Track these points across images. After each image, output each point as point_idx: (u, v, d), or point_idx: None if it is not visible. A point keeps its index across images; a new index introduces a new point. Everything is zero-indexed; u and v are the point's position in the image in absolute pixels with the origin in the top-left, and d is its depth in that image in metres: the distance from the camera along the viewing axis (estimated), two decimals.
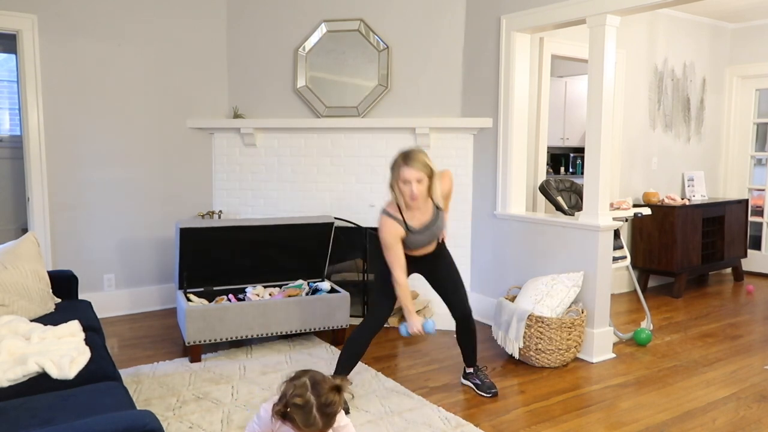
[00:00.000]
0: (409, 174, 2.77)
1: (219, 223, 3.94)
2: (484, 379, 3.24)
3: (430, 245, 3.05)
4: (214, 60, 4.97)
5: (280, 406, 1.91)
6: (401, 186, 2.82)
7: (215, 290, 4.08)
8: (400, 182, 2.81)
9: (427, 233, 2.97)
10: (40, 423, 1.78)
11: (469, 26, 4.57)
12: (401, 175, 2.79)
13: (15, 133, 5.28)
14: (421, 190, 2.81)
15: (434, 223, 2.98)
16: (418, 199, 2.82)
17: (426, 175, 2.80)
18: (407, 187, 2.80)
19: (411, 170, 2.77)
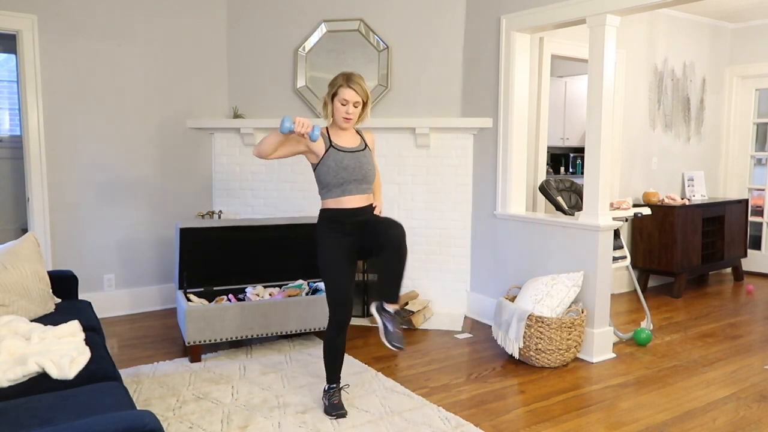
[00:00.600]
0: (349, 95, 2.75)
1: (219, 223, 3.94)
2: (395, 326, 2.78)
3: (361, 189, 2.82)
4: (214, 60, 4.97)
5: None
6: (337, 104, 2.78)
7: (215, 290, 4.08)
8: (337, 100, 2.78)
9: (354, 159, 2.81)
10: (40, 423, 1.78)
11: (469, 26, 4.57)
12: (340, 94, 2.76)
13: (15, 133, 5.28)
14: (355, 113, 2.80)
15: (362, 152, 2.85)
16: (351, 120, 2.80)
17: (363, 100, 2.80)
18: (344, 107, 2.77)
19: (351, 92, 2.75)
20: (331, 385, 2.98)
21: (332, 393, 2.97)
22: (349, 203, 2.82)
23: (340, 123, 2.82)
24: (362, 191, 2.85)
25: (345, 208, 2.82)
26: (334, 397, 2.96)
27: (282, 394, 3.16)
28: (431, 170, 4.68)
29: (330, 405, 2.94)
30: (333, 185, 2.80)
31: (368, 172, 2.85)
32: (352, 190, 2.81)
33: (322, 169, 2.81)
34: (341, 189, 2.80)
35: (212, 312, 3.62)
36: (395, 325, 2.80)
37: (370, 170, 2.86)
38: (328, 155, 2.79)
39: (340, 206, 2.82)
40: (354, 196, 2.82)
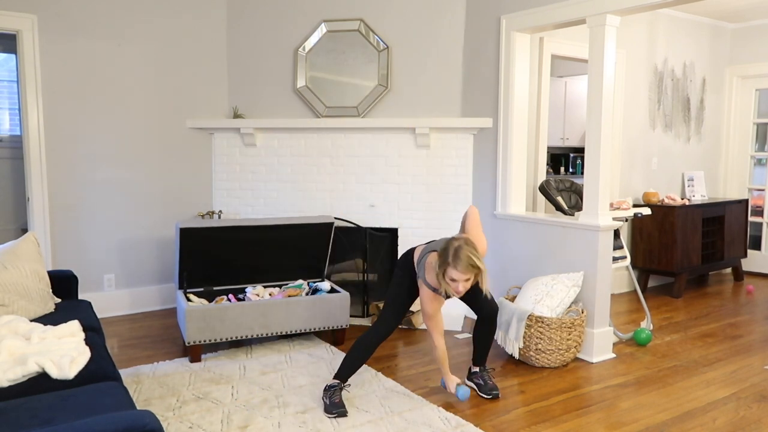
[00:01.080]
0: (458, 276, 2.74)
1: (219, 223, 3.94)
2: (488, 380, 3.23)
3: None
4: (214, 60, 4.97)
5: None
6: (448, 281, 2.79)
7: (215, 290, 4.08)
8: (447, 278, 2.77)
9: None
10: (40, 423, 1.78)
11: (469, 26, 4.57)
12: (449, 274, 2.75)
13: (15, 133, 5.28)
14: (467, 287, 2.81)
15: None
16: (461, 294, 2.84)
17: (474, 274, 2.77)
18: (454, 284, 2.78)
19: (459, 273, 2.73)
20: (335, 383, 3.01)
21: (333, 391, 2.98)
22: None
23: (450, 294, 2.87)
24: None
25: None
26: (335, 396, 2.97)
27: (282, 394, 3.16)
28: (431, 170, 4.68)
29: (331, 403, 2.94)
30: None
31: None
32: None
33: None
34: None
35: (212, 312, 3.62)
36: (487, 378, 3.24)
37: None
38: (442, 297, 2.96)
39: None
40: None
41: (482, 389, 3.20)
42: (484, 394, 3.18)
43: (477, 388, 3.23)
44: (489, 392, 3.17)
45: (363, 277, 4.59)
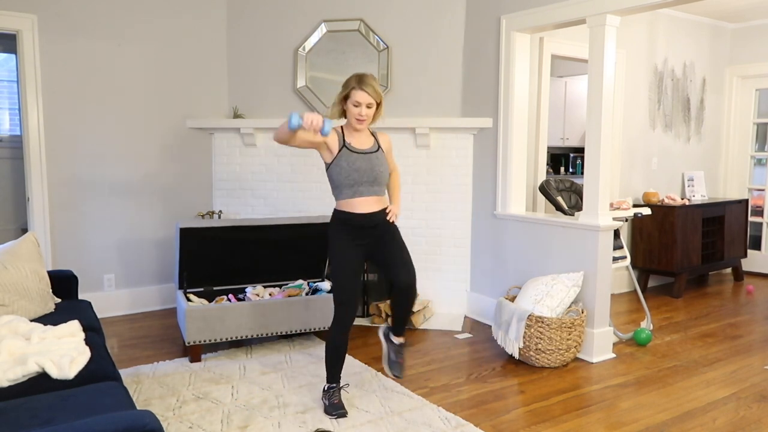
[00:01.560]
0: (362, 97, 2.77)
1: (219, 223, 3.94)
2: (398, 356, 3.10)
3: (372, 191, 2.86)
4: (214, 60, 4.97)
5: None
6: (351, 107, 2.81)
7: (215, 290, 4.08)
8: (350, 102, 2.80)
9: (366, 161, 2.83)
10: (40, 423, 1.78)
11: (469, 26, 4.57)
12: (353, 96, 2.78)
13: (15, 133, 5.28)
14: (369, 114, 2.82)
15: (374, 154, 2.87)
16: (365, 122, 2.82)
17: (375, 101, 2.82)
18: (357, 108, 2.79)
19: (364, 94, 2.77)
20: (331, 385, 2.98)
21: (332, 393, 2.97)
22: (361, 207, 2.85)
23: (354, 125, 2.84)
24: (374, 193, 2.87)
25: (357, 212, 2.85)
26: (334, 397, 2.96)
27: (282, 394, 3.16)
28: (431, 170, 4.68)
29: (330, 405, 2.94)
30: (344, 186, 2.83)
31: (380, 174, 2.87)
32: (364, 191, 2.84)
33: (334, 169, 2.83)
34: (353, 190, 2.83)
35: (212, 312, 3.62)
36: (398, 356, 3.11)
37: (382, 172, 2.88)
38: (341, 156, 2.81)
39: (352, 210, 2.85)
40: (365, 198, 2.85)
41: (389, 362, 3.11)
42: (388, 369, 3.11)
43: (385, 357, 3.12)
44: (392, 369, 3.09)
45: (363, 277, 4.59)
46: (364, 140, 2.90)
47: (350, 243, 2.88)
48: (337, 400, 2.95)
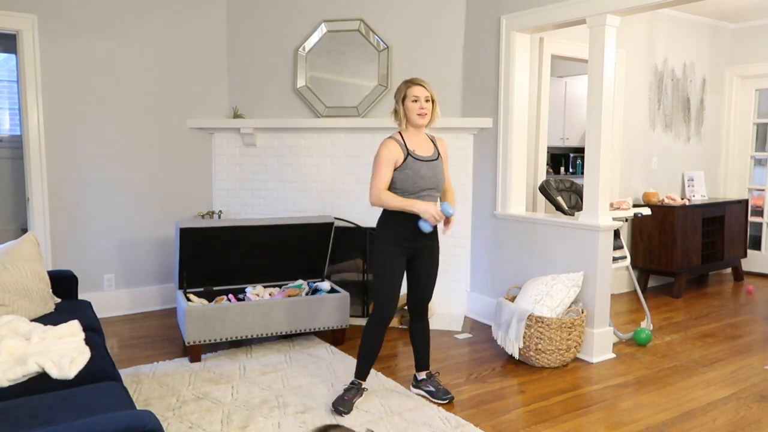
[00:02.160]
0: (419, 91, 2.85)
1: (219, 223, 3.94)
2: (438, 385, 3.13)
3: (433, 197, 2.94)
4: (214, 60, 4.97)
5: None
6: (408, 104, 2.86)
7: (215, 290, 4.08)
8: (408, 101, 2.86)
9: (430, 168, 2.90)
10: (40, 423, 1.78)
11: (469, 26, 4.57)
12: (410, 93, 2.85)
13: (15, 133, 5.28)
14: (428, 108, 2.86)
15: (436, 161, 2.93)
16: (426, 116, 2.86)
17: (432, 96, 2.89)
18: (416, 104, 2.85)
19: (420, 88, 2.85)
20: (355, 381, 3.02)
21: (350, 388, 3.00)
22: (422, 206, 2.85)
23: (415, 121, 2.87)
24: (433, 199, 2.95)
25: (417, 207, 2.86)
26: (349, 393, 2.98)
27: (282, 394, 3.16)
28: None
29: (340, 399, 2.96)
30: (409, 192, 2.87)
31: (441, 180, 2.95)
32: (426, 197, 2.90)
33: (399, 176, 2.87)
34: (416, 196, 2.88)
35: (212, 312, 3.62)
36: (435, 384, 3.14)
37: (442, 179, 2.96)
38: (407, 164, 2.86)
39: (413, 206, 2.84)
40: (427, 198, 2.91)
41: (435, 396, 3.09)
42: (438, 400, 3.07)
43: (429, 395, 3.12)
44: (442, 397, 3.07)
45: (363, 277, 4.59)
46: (425, 146, 2.95)
47: (400, 245, 2.92)
48: (349, 398, 2.96)
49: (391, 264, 2.92)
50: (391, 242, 2.92)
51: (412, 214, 2.83)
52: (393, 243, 2.92)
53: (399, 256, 2.93)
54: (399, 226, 2.90)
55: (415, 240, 2.92)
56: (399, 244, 2.92)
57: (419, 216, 2.82)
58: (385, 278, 2.93)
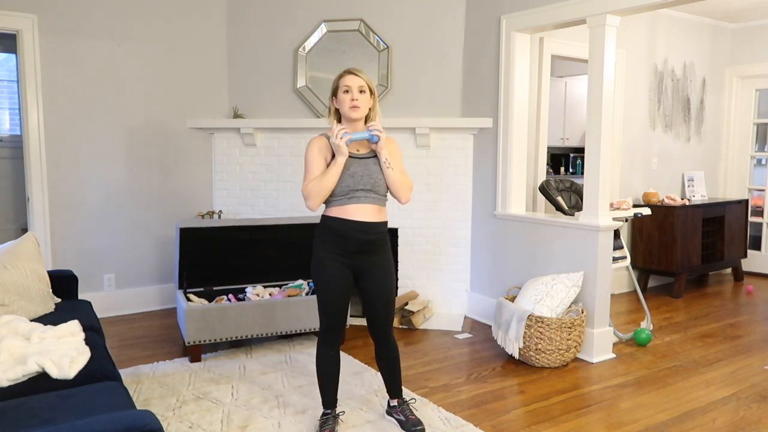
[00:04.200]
0: (352, 81, 2.54)
1: (219, 223, 3.94)
2: (408, 415, 2.76)
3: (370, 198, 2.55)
4: (214, 60, 4.97)
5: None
6: (341, 96, 2.55)
7: (215, 290, 4.08)
8: (340, 92, 2.55)
9: (366, 167, 2.55)
10: (40, 423, 1.78)
11: (469, 26, 4.57)
12: (342, 83, 2.55)
13: (15, 133, 5.28)
14: (362, 100, 2.55)
15: (372, 159, 2.58)
16: (360, 108, 2.53)
17: (368, 86, 2.58)
18: (347, 95, 2.53)
19: (351, 77, 2.55)
20: (325, 411, 2.72)
21: (325, 420, 2.69)
22: (358, 213, 2.52)
23: (348, 114, 2.55)
24: (372, 201, 2.55)
25: (352, 219, 2.52)
26: (325, 426, 2.67)
27: (282, 394, 3.16)
28: (431, 170, 4.68)
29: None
30: (337, 193, 2.51)
31: (379, 180, 2.56)
32: (361, 198, 2.52)
33: None
34: (347, 197, 2.52)
35: (212, 312, 3.62)
36: (407, 412, 2.78)
37: (379, 180, 2.56)
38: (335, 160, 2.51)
39: (346, 216, 2.52)
40: (362, 206, 2.53)
41: (404, 426, 2.74)
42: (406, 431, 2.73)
43: (399, 424, 2.78)
44: (411, 428, 2.70)
45: None
46: (361, 143, 2.61)
47: (338, 259, 2.57)
48: (329, 429, 2.66)
49: (330, 285, 2.57)
50: (327, 258, 2.57)
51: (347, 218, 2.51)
52: (329, 258, 2.57)
53: (339, 269, 2.57)
54: (333, 234, 2.55)
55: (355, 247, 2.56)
56: (336, 258, 2.56)
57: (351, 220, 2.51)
58: (324, 302, 2.60)
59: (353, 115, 2.56)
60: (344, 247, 2.56)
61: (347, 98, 2.55)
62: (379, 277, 2.64)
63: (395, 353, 2.78)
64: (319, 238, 2.63)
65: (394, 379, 2.81)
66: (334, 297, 2.60)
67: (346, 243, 2.55)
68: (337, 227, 2.55)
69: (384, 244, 2.65)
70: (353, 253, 2.58)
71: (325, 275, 2.59)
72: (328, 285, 2.59)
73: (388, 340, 2.74)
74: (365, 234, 2.55)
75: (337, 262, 2.58)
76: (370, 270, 2.62)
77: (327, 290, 2.60)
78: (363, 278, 2.64)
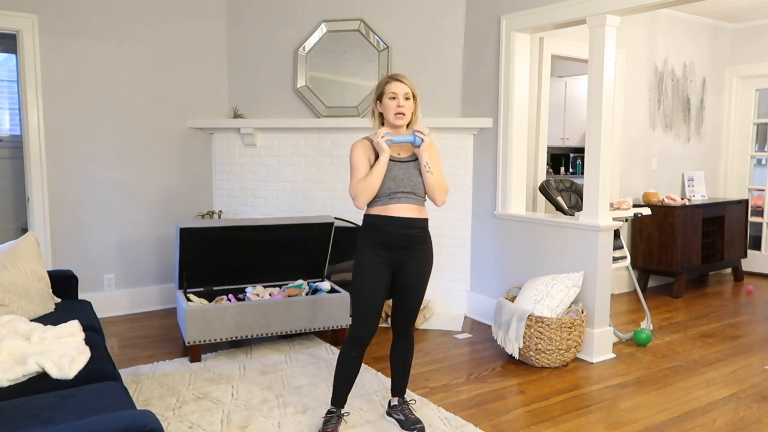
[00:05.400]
0: (397, 87, 2.59)
1: (219, 223, 3.94)
2: (408, 415, 2.79)
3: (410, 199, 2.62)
4: (214, 60, 4.97)
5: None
6: (386, 102, 2.60)
7: (215, 290, 4.08)
8: (386, 98, 2.60)
9: (404, 169, 2.61)
10: (40, 423, 1.78)
11: (469, 26, 4.57)
12: (388, 89, 2.59)
13: (15, 133, 5.28)
14: (407, 107, 2.61)
15: (413, 163, 2.64)
16: (405, 116, 2.60)
17: (412, 93, 2.63)
18: (393, 101, 2.59)
19: (399, 84, 2.60)
20: (331, 409, 2.73)
21: (329, 419, 2.70)
22: (398, 211, 2.59)
23: (392, 120, 2.61)
24: (412, 202, 2.62)
25: (393, 216, 2.58)
26: (328, 425, 2.67)
27: (282, 394, 3.16)
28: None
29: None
30: (380, 195, 2.58)
31: (418, 184, 2.63)
32: (401, 198, 2.60)
33: None
34: (388, 198, 2.59)
35: (212, 312, 3.62)
36: (407, 412, 2.81)
37: (419, 183, 2.64)
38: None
39: (387, 213, 2.59)
40: (403, 205, 2.60)
41: (403, 425, 2.76)
42: (406, 431, 2.74)
43: (398, 423, 2.79)
44: (411, 427, 2.72)
45: None
46: (401, 147, 2.67)
47: (378, 255, 2.62)
48: (331, 429, 2.66)
49: (369, 277, 2.61)
50: (368, 256, 2.62)
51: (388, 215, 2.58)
52: (370, 257, 2.62)
53: (379, 268, 2.62)
54: (375, 230, 2.61)
55: (396, 243, 2.61)
56: (376, 256, 2.61)
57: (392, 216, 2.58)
58: (362, 293, 2.63)
59: (398, 122, 2.62)
60: (386, 242, 2.62)
61: (393, 105, 2.60)
62: (414, 269, 2.68)
63: (410, 350, 2.83)
64: (361, 237, 2.68)
65: (402, 376, 2.84)
66: (368, 295, 2.63)
67: (387, 238, 2.61)
68: (378, 223, 2.61)
69: (424, 241, 2.71)
70: (394, 248, 2.63)
71: (363, 274, 2.63)
72: (364, 284, 2.63)
73: (407, 335, 2.79)
74: (406, 229, 2.62)
75: (377, 258, 2.62)
76: (407, 263, 2.67)
77: (362, 289, 2.64)
78: (399, 271, 2.68)
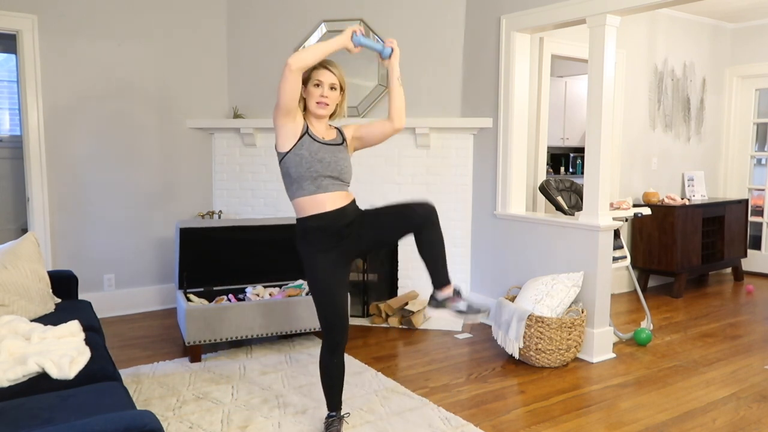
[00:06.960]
0: (324, 76, 2.48)
1: (219, 223, 3.94)
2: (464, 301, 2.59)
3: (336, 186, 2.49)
4: (214, 60, 4.97)
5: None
6: (310, 88, 2.49)
7: (215, 290, 4.08)
8: (311, 84, 2.49)
9: (333, 155, 2.48)
10: (40, 423, 1.78)
11: (469, 26, 4.57)
12: (314, 76, 2.48)
13: (15, 133, 5.28)
14: (332, 98, 2.50)
15: (338, 146, 2.52)
16: (328, 106, 2.49)
17: (339, 84, 2.53)
18: (318, 89, 2.47)
19: (326, 72, 2.49)
20: (330, 413, 2.69)
21: (330, 422, 2.68)
22: (330, 203, 2.46)
23: (314, 110, 2.47)
24: (338, 188, 2.50)
25: (327, 211, 2.45)
26: (331, 428, 2.66)
27: (282, 394, 3.16)
28: (431, 170, 4.68)
29: None
30: (305, 178, 2.44)
31: (345, 169, 2.51)
32: (328, 186, 2.46)
33: (292, 159, 2.45)
34: (315, 184, 2.45)
35: (212, 312, 3.62)
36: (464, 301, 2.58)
37: (346, 168, 2.52)
38: (302, 143, 2.44)
39: (320, 210, 2.45)
40: (331, 194, 2.46)
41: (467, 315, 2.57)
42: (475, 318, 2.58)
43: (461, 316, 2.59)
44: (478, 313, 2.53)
45: (363, 277, 4.59)
46: (328, 132, 2.55)
47: (327, 256, 2.48)
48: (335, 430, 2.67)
49: (324, 286, 2.50)
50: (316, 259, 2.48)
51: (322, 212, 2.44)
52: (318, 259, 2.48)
53: (330, 268, 2.49)
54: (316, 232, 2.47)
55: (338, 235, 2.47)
56: (324, 255, 2.47)
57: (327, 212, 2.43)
58: (323, 302, 2.52)
59: (319, 111, 2.49)
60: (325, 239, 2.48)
61: (316, 93, 2.48)
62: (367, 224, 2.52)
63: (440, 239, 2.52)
64: (300, 242, 2.55)
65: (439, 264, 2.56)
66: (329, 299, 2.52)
67: (326, 235, 2.47)
68: (313, 225, 2.48)
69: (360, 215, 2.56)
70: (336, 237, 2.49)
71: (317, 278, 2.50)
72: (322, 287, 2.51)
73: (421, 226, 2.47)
74: (342, 219, 2.48)
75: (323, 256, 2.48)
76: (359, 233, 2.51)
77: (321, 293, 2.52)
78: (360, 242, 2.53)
